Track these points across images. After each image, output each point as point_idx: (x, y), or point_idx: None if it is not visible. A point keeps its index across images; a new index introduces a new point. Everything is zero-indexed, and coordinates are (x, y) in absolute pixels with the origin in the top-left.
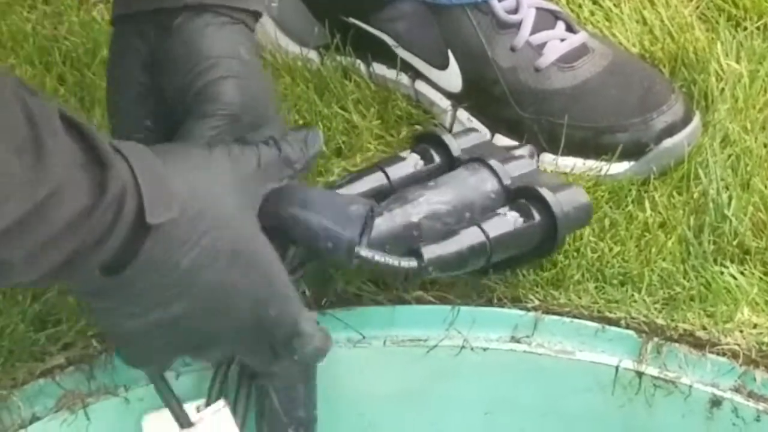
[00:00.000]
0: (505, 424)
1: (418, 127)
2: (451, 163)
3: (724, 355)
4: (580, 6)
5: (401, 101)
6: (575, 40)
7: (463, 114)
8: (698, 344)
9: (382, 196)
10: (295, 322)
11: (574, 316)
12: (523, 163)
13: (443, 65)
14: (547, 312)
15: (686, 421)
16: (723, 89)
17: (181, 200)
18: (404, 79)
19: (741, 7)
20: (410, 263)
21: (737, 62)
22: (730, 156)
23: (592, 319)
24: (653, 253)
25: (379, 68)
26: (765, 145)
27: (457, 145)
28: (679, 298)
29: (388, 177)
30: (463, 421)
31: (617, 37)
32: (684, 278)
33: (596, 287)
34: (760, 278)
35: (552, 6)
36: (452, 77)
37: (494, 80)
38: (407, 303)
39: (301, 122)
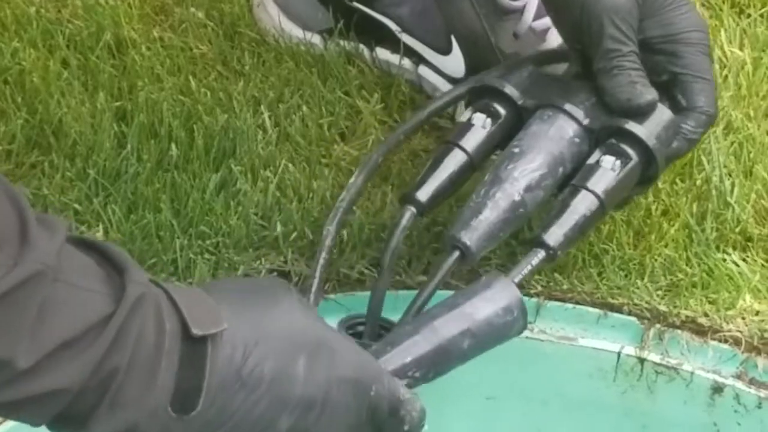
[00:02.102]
0: (507, 409)
1: None
2: (517, 112)
3: (726, 342)
4: None
5: (404, 86)
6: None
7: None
8: (700, 331)
9: (468, 172)
10: (395, 392)
11: (577, 302)
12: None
13: (446, 50)
14: (550, 298)
15: (688, 407)
16: (726, 76)
17: (230, 311)
18: (407, 64)
19: None
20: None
21: (741, 49)
22: (733, 143)
23: (594, 305)
24: (655, 240)
25: (383, 53)
26: None
27: (517, 93)
28: (682, 284)
29: (465, 151)
30: (465, 405)
31: None
32: (686, 265)
33: (599, 273)
34: (763, 265)
35: None
36: (455, 62)
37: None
38: (410, 288)
39: (304, 107)
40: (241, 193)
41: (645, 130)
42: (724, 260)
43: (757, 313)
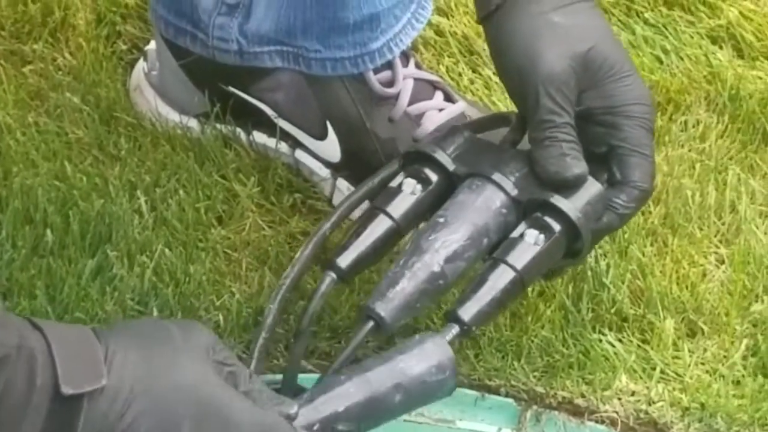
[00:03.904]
0: None
1: (298, 195)
2: (449, 179)
3: (602, 422)
4: (460, 75)
5: (281, 169)
6: (454, 109)
7: (342, 183)
8: (577, 412)
9: (393, 240)
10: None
11: None
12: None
13: (322, 135)
14: None
15: None
16: None
17: (121, 359)
18: (284, 147)
19: None
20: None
21: None
22: None
23: (471, 387)
24: (532, 321)
25: (260, 137)
26: (642, 213)
27: (449, 159)
28: (558, 365)
29: (392, 217)
30: None
31: (497, 105)
32: (563, 346)
33: (475, 355)
34: (638, 346)
35: (431, 76)
36: (331, 147)
37: (373, 151)
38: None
39: (181, 191)
40: (117, 279)
41: (570, 204)
42: (600, 341)
43: (633, 393)
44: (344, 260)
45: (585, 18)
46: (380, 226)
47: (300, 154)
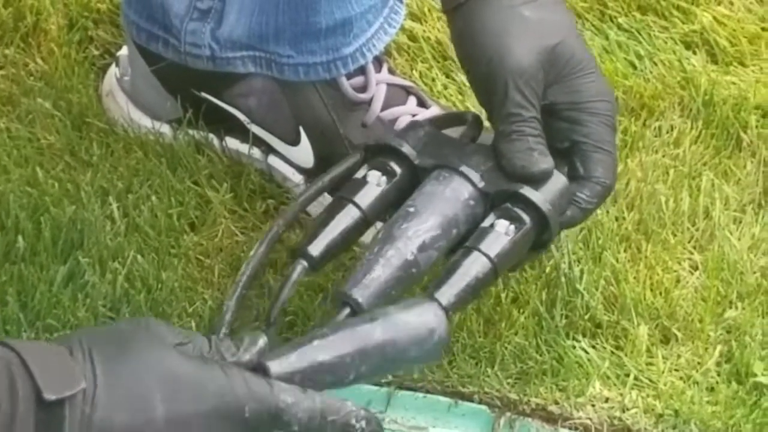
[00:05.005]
0: None
1: (271, 201)
2: (414, 171)
3: (576, 429)
4: (433, 80)
5: (254, 175)
6: (427, 114)
7: None
8: (550, 419)
9: (361, 229)
10: (273, 403)
11: (428, 391)
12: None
13: (295, 141)
14: (401, 387)
15: None
16: None
17: (91, 368)
18: (257, 153)
19: None
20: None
21: None
22: (582, 229)
23: (445, 394)
24: (505, 328)
25: (232, 142)
26: (616, 219)
27: (414, 153)
28: (532, 372)
29: (359, 207)
30: None
31: (471, 110)
32: (536, 353)
33: (449, 362)
34: (612, 352)
35: (404, 81)
36: (304, 153)
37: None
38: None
39: (153, 197)
40: (89, 285)
41: (540, 196)
42: (574, 347)
43: (607, 400)
44: (315, 248)
45: (552, 13)
46: (348, 215)
47: (273, 159)
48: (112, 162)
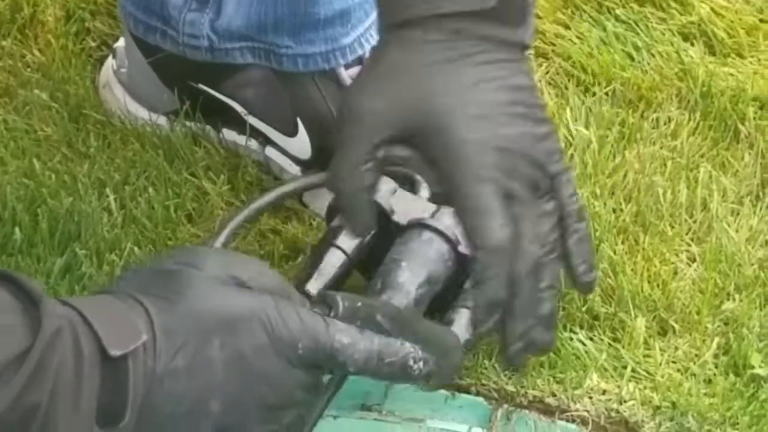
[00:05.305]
0: None
1: None
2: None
3: (573, 421)
4: None
5: (251, 167)
6: None
7: None
8: (548, 411)
9: (346, 274)
10: (328, 342)
11: None
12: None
13: (292, 132)
14: None
15: None
16: (572, 155)
17: (148, 319)
18: (254, 145)
19: (590, 73)
20: None
21: (586, 128)
22: None
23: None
24: None
25: (229, 134)
26: (614, 211)
27: (391, 207)
28: (529, 364)
29: (345, 252)
30: None
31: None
32: None
33: None
34: (609, 344)
35: None
36: (301, 144)
37: None
38: None
39: (150, 189)
40: (86, 277)
41: None
42: (571, 339)
43: (604, 392)
44: (313, 287)
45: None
46: (336, 261)
47: (270, 151)
48: (109, 154)
